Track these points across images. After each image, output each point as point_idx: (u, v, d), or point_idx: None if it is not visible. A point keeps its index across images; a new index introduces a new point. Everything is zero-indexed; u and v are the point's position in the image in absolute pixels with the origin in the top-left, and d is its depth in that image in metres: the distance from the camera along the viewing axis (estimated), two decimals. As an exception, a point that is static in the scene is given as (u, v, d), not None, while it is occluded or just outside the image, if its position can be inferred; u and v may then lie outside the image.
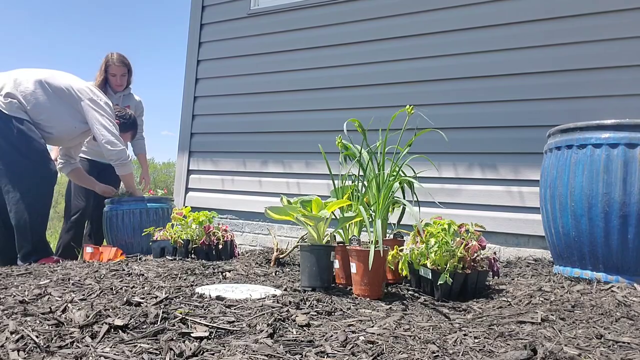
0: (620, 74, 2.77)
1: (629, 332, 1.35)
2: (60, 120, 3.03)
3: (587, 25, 2.87)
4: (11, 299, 1.56)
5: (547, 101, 2.95)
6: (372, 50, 3.54)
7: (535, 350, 1.14)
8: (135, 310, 1.36)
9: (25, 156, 2.87)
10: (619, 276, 1.97)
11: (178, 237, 2.74)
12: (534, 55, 3.00)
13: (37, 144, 2.92)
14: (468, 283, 1.85)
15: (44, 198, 2.99)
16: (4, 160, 2.86)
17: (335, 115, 3.57)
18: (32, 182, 2.90)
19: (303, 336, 1.25)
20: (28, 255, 2.87)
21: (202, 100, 4.34)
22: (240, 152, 4.08)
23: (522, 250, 2.94)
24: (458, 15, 3.24)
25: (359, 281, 1.86)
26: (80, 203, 3.67)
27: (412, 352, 1.15)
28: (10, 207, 2.87)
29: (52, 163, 3.03)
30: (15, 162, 2.87)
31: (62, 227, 3.80)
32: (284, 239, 3.68)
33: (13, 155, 2.86)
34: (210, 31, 4.35)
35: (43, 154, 2.95)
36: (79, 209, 3.66)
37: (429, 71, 3.31)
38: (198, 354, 1.10)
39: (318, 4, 3.78)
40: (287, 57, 3.91)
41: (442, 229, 1.87)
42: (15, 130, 2.85)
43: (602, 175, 1.98)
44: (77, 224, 3.68)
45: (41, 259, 2.83)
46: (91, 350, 1.09)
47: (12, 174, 2.87)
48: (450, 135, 3.18)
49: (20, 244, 2.89)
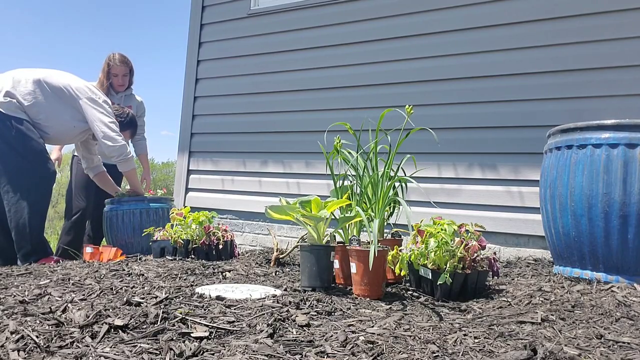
0: (621, 74, 2.77)
1: (629, 332, 1.35)
2: (58, 120, 3.03)
3: (587, 26, 2.87)
4: (11, 299, 1.56)
5: (547, 101, 2.95)
6: (372, 50, 3.54)
7: (535, 351, 1.14)
8: (135, 310, 1.36)
9: (23, 156, 2.87)
10: (619, 276, 1.97)
11: (178, 237, 2.74)
12: (534, 55, 3.00)
13: (35, 144, 2.92)
14: (468, 283, 1.84)
15: (43, 198, 2.98)
16: (3, 161, 2.86)
17: (335, 116, 3.57)
18: (31, 182, 2.90)
19: (303, 336, 1.25)
20: (28, 256, 2.87)
21: (202, 101, 4.34)
22: (240, 152, 4.08)
23: (522, 250, 2.94)
24: (458, 15, 3.24)
25: (358, 281, 1.86)
26: (80, 203, 3.67)
27: (412, 352, 1.15)
28: (9, 208, 2.87)
29: (50, 163, 3.02)
30: (14, 162, 2.87)
31: (63, 227, 3.80)
32: (284, 239, 3.68)
33: (11, 156, 2.86)
34: (210, 31, 4.35)
35: (42, 154, 2.95)
36: (80, 209, 3.66)
37: (430, 71, 3.31)
38: (198, 354, 1.10)
39: (318, 4, 3.78)
40: (287, 57, 3.91)
41: (442, 229, 1.87)
42: (13, 130, 2.85)
43: (602, 175, 1.98)
44: (78, 224, 3.68)
45: (41, 259, 2.83)
46: (91, 350, 1.09)
47: (11, 174, 2.87)
48: (451, 135, 3.19)
49: (19, 244, 2.89)
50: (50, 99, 2.99)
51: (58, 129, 3.06)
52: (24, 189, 2.87)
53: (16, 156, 2.86)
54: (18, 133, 2.86)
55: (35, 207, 2.90)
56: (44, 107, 2.97)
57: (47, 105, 2.98)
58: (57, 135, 3.10)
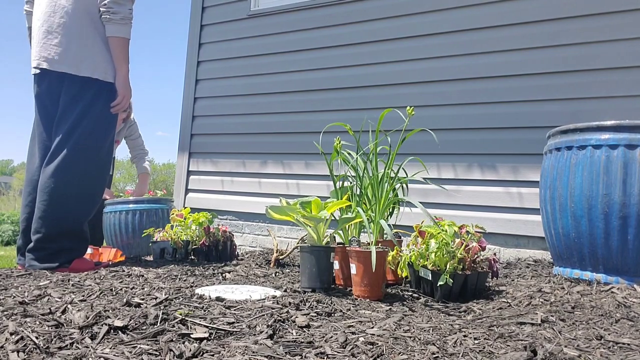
0: (621, 75, 2.77)
1: (629, 334, 1.35)
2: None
3: (588, 27, 2.87)
4: (11, 300, 1.56)
5: (547, 102, 2.95)
6: (372, 52, 3.54)
7: (535, 352, 1.14)
8: (135, 311, 1.36)
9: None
10: (619, 277, 1.97)
11: (178, 238, 2.74)
12: (534, 56, 3.00)
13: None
14: (468, 284, 1.84)
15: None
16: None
17: (335, 117, 3.57)
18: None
19: (303, 337, 1.25)
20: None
21: (202, 101, 4.34)
22: (240, 153, 4.08)
23: (522, 251, 2.94)
24: (458, 16, 3.25)
25: (358, 282, 1.86)
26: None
27: (412, 353, 1.15)
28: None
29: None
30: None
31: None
32: (283, 240, 3.68)
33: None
34: (210, 32, 4.35)
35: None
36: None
37: (429, 72, 3.32)
38: (198, 355, 1.10)
39: (318, 5, 3.79)
40: (287, 58, 3.92)
41: (443, 230, 1.87)
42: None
43: (602, 176, 1.98)
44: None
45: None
46: (91, 351, 1.09)
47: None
48: (451, 136, 3.19)
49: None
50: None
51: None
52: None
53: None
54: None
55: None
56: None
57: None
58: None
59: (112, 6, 2.39)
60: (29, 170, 2.52)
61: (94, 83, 2.42)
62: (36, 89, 2.50)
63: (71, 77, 2.39)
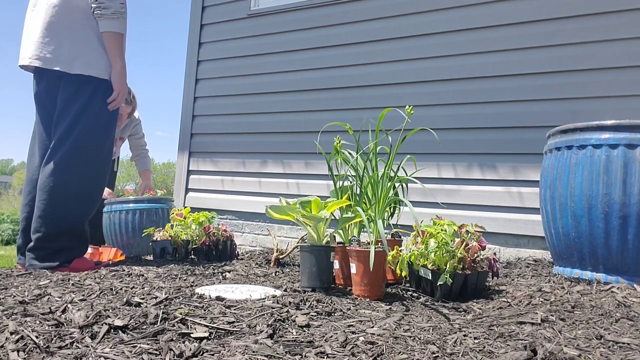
0: (620, 75, 2.77)
1: (629, 333, 1.35)
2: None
3: (586, 27, 2.87)
4: (11, 299, 1.56)
5: (547, 102, 2.95)
6: (371, 51, 3.54)
7: (535, 351, 1.14)
8: (135, 311, 1.36)
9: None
10: (618, 277, 1.97)
11: (178, 238, 2.74)
12: (533, 56, 3.00)
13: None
14: (468, 284, 1.84)
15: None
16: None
17: (335, 116, 3.57)
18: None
19: (303, 337, 1.25)
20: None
21: (202, 101, 4.34)
22: (240, 152, 4.08)
23: (522, 251, 2.94)
24: (457, 16, 3.24)
25: (358, 282, 1.86)
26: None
27: (412, 353, 1.15)
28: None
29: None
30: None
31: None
32: (283, 240, 3.68)
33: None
34: (210, 32, 4.35)
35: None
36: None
37: (429, 72, 3.32)
38: (198, 354, 1.10)
39: (317, 5, 3.78)
40: (287, 57, 3.92)
41: (442, 229, 1.87)
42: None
43: (602, 176, 1.98)
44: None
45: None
46: (91, 351, 1.09)
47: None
48: (450, 135, 3.19)
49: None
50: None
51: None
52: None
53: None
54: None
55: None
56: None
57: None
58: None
59: (103, 1, 2.36)
60: (29, 170, 2.52)
61: (91, 81, 2.41)
62: (35, 88, 2.50)
63: (67, 75, 2.38)
